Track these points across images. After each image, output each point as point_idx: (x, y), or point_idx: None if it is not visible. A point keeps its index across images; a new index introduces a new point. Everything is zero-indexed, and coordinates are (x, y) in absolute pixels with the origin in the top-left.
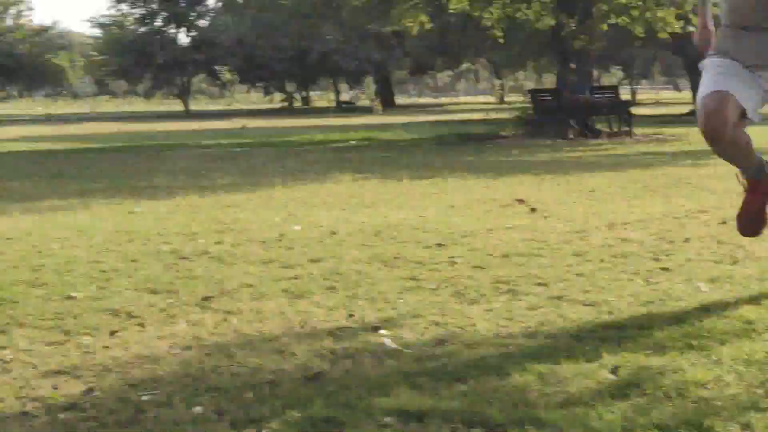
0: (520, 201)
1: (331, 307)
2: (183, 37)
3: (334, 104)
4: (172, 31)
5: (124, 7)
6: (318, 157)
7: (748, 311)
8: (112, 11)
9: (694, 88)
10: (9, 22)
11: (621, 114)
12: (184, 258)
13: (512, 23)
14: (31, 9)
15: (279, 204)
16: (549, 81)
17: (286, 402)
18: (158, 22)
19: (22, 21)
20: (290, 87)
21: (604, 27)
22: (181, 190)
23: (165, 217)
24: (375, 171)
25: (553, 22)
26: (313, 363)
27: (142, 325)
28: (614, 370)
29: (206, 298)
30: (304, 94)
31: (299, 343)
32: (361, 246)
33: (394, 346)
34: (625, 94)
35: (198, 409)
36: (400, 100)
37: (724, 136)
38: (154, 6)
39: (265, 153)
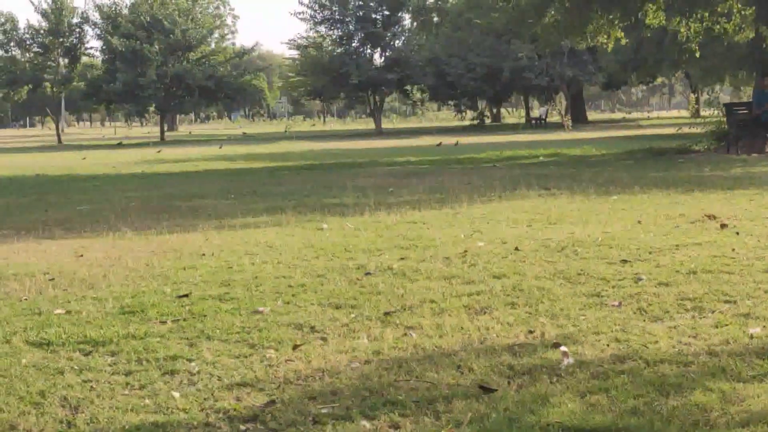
0: (710, 216)
1: (511, 323)
2: (377, 57)
3: (524, 121)
4: (368, 51)
5: (323, 29)
6: (505, 173)
7: None
8: (311, 33)
9: None
10: (212, 45)
11: None
12: (368, 273)
13: (710, 36)
14: (233, 32)
15: (464, 220)
16: (747, 95)
17: (460, 417)
18: (355, 43)
19: (224, 44)
20: (481, 104)
21: None
22: (369, 206)
23: (352, 234)
24: (562, 187)
25: (752, 35)
26: (490, 378)
27: (324, 339)
28: None
29: (388, 314)
30: (494, 110)
31: (477, 359)
32: (545, 262)
33: (571, 361)
34: None
35: (374, 423)
36: (592, 115)
37: None
38: (352, 28)
39: (452, 170)
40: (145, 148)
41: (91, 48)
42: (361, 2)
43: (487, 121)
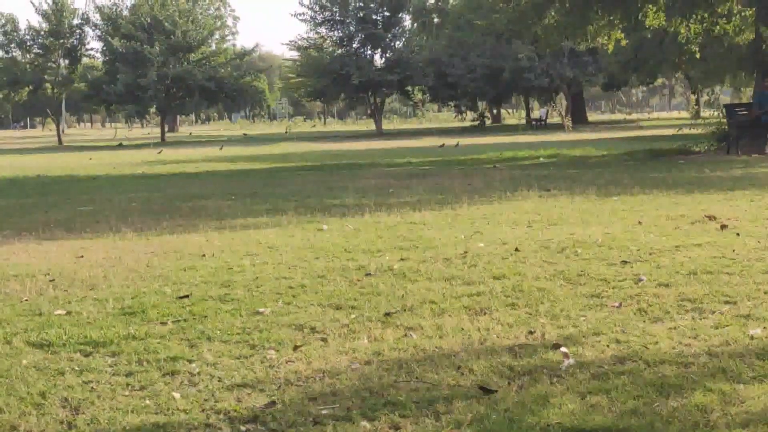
0: (711, 217)
1: (512, 323)
2: (378, 59)
3: (524, 122)
4: (368, 52)
5: (323, 30)
6: (505, 174)
7: None
8: (311, 34)
9: None
10: (213, 46)
11: None
12: (368, 274)
13: (710, 37)
14: (234, 33)
15: (464, 221)
16: (748, 96)
17: (460, 418)
18: (355, 44)
19: (225, 45)
20: (481, 105)
21: None
22: (369, 207)
23: (352, 234)
24: (562, 187)
25: (752, 36)
26: (491, 379)
27: (324, 340)
28: None
29: (388, 314)
30: (495, 111)
31: (478, 360)
32: (545, 263)
33: (572, 362)
34: None
35: (375, 424)
36: (592, 116)
37: None
38: (352, 29)
39: (453, 171)
40: (146, 149)
41: (92, 49)
42: (361, 3)
43: (488, 122)
